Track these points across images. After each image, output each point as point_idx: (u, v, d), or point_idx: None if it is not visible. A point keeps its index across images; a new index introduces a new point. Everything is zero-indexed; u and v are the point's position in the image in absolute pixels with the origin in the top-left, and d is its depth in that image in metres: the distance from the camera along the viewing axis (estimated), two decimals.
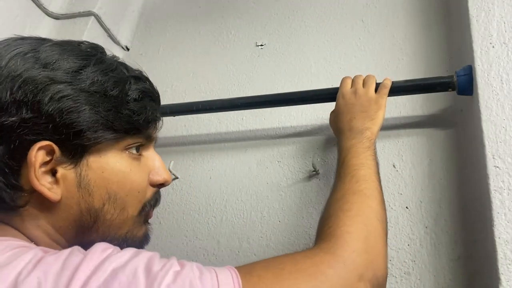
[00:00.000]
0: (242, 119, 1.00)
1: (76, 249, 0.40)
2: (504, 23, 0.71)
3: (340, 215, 0.54)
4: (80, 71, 0.46)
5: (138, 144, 0.52)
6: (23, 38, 0.48)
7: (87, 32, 1.13)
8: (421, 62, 0.90)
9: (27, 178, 0.43)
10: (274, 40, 1.08)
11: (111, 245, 0.40)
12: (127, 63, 0.57)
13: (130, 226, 0.51)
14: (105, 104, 0.46)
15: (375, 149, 0.68)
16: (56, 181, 0.45)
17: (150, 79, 0.59)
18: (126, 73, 0.52)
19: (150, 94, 0.55)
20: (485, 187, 0.62)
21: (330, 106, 0.84)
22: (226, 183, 0.93)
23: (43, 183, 0.43)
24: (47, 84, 0.43)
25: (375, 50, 0.95)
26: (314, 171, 0.85)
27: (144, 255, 0.40)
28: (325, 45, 1.01)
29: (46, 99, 0.43)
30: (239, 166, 0.94)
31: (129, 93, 0.50)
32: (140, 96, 0.51)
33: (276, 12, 1.12)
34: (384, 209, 0.59)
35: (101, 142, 0.46)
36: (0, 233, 0.44)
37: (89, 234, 0.48)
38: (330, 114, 0.81)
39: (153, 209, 0.55)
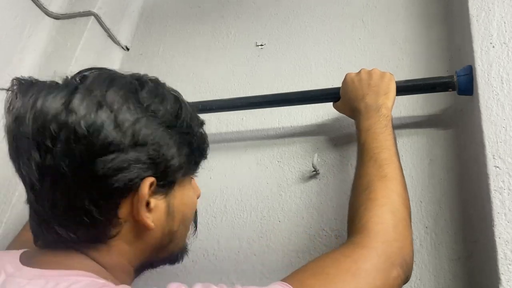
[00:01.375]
0: (242, 119, 1.00)
1: None
2: (504, 23, 0.71)
3: (369, 206, 0.57)
4: (178, 115, 0.51)
5: None
6: (113, 79, 0.49)
7: (87, 32, 1.13)
8: (421, 62, 0.90)
9: (127, 210, 0.47)
10: (274, 40, 1.08)
11: (181, 284, 0.43)
12: (126, 63, 0.59)
13: (185, 238, 0.57)
14: (195, 143, 0.53)
15: (392, 125, 0.69)
16: (149, 210, 0.48)
17: None
18: (192, 108, 0.56)
19: (204, 123, 0.59)
20: (485, 187, 0.62)
21: (330, 106, 0.84)
22: (226, 183, 0.93)
23: (146, 215, 0.48)
24: (162, 130, 0.48)
25: (375, 50, 0.95)
26: (314, 171, 0.85)
27: None
28: (325, 45, 1.01)
29: (163, 143, 0.48)
30: (239, 166, 0.94)
31: (199, 127, 0.56)
32: (203, 127, 0.57)
33: (276, 12, 1.12)
34: (406, 190, 0.62)
35: (188, 175, 0.54)
36: (77, 263, 0.46)
37: (162, 252, 0.53)
38: (334, 105, 0.82)
39: None
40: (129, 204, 0.47)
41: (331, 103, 0.84)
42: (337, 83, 0.81)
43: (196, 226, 0.61)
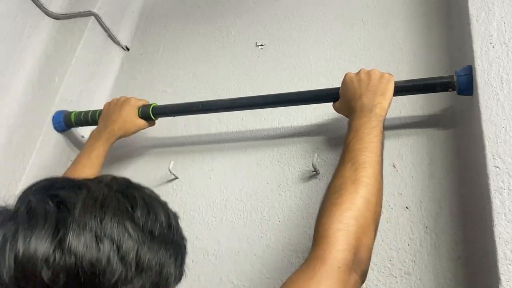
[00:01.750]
0: (242, 119, 1.00)
1: None
2: (504, 23, 0.71)
3: (333, 211, 0.58)
4: (170, 226, 0.48)
5: None
6: (104, 203, 0.43)
7: (87, 32, 1.13)
8: (421, 62, 0.90)
9: None
10: (274, 40, 1.08)
11: None
12: (126, 63, 0.57)
13: None
14: (183, 246, 0.50)
15: (383, 126, 0.69)
16: None
17: (150, 79, 0.60)
18: (170, 209, 0.52)
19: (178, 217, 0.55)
20: (485, 187, 0.62)
21: (330, 106, 0.84)
22: (226, 183, 0.93)
23: None
24: (162, 250, 0.45)
25: (375, 50, 0.95)
26: (314, 171, 0.85)
27: None
28: (325, 45, 1.01)
29: (165, 266, 0.45)
30: (239, 166, 0.94)
31: (179, 227, 0.52)
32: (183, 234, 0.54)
33: (276, 12, 1.12)
34: (379, 195, 0.62)
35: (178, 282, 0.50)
36: None
37: None
38: (334, 105, 0.82)
39: None
40: None
41: (331, 103, 0.84)
42: (337, 83, 0.81)
43: None
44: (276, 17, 1.12)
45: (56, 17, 1.16)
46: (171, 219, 0.48)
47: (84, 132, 1.10)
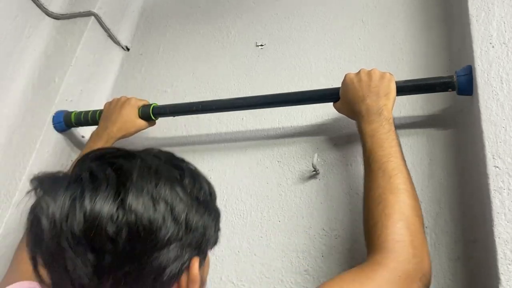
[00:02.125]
0: (242, 119, 1.00)
1: None
2: (504, 23, 0.71)
3: (385, 222, 0.59)
4: (212, 195, 0.54)
5: None
6: (158, 171, 0.49)
7: (87, 32, 1.13)
8: (421, 62, 0.90)
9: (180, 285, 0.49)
10: (274, 40, 1.08)
11: None
12: (126, 63, 0.58)
13: None
14: (219, 216, 0.55)
15: (394, 127, 0.70)
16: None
17: (150, 79, 0.61)
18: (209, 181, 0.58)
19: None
20: (485, 187, 0.62)
21: (330, 106, 0.84)
22: (226, 183, 0.93)
23: None
24: (207, 214, 0.51)
25: (375, 50, 0.95)
26: (314, 171, 0.85)
27: None
28: (325, 45, 1.01)
29: (208, 229, 0.50)
30: (239, 166, 0.94)
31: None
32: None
33: (276, 12, 1.12)
34: (416, 198, 0.63)
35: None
36: None
37: None
38: (335, 105, 0.82)
39: None
40: (178, 284, 0.49)
41: (331, 103, 0.84)
42: (337, 83, 0.81)
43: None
44: (276, 17, 1.12)
45: (56, 17, 1.16)
46: (212, 188, 0.54)
47: (84, 132, 1.10)
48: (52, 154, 1.02)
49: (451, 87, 0.74)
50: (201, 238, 0.49)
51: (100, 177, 0.45)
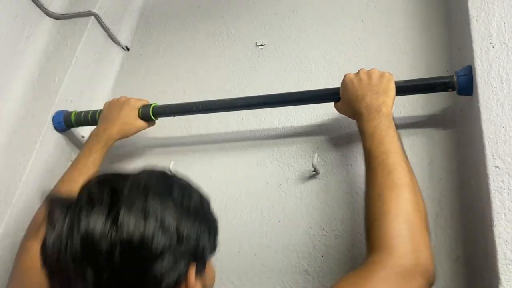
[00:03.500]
0: (242, 119, 1.00)
1: None
2: (504, 23, 0.71)
3: (383, 220, 0.59)
4: (202, 205, 0.55)
5: None
6: (146, 186, 0.50)
7: (87, 32, 1.13)
8: (421, 62, 0.90)
9: None
10: (274, 40, 1.08)
11: None
12: (126, 63, 0.59)
13: None
14: (215, 224, 0.56)
15: (395, 124, 0.69)
16: None
17: (150, 79, 0.62)
18: (201, 192, 0.58)
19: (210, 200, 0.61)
20: (485, 187, 0.62)
21: (330, 106, 0.84)
22: (226, 183, 0.93)
23: None
24: (198, 224, 0.52)
25: (375, 50, 0.95)
26: (314, 171, 0.85)
27: None
28: (325, 45, 1.01)
29: (201, 236, 0.52)
30: (239, 166, 0.94)
31: (210, 209, 0.58)
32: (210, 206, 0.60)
33: (276, 12, 1.12)
34: (418, 192, 0.63)
35: (212, 254, 0.56)
36: None
37: None
38: (336, 106, 0.82)
39: None
40: None
41: (332, 104, 0.84)
42: (337, 83, 0.81)
43: None
44: (276, 17, 1.12)
45: (56, 17, 1.16)
46: (203, 200, 0.56)
47: (84, 132, 1.10)
48: (52, 154, 1.02)
49: (451, 87, 0.74)
50: (195, 247, 0.51)
51: (95, 198, 0.48)
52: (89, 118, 1.00)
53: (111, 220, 0.45)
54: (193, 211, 0.52)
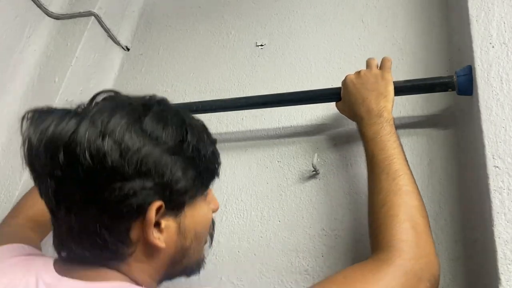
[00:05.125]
0: (242, 119, 1.00)
1: None
2: (504, 23, 0.71)
3: (389, 224, 0.58)
4: (183, 140, 0.51)
5: None
6: (117, 106, 0.50)
7: (87, 32, 1.13)
8: (421, 62, 0.90)
9: (138, 232, 0.49)
10: (274, 40, 1.08)
11: None
12: (126, 63, 0.59)
13: (201, 252, 0.59)
14: (202, 165, 0.53)
15: (395, 129, 0.69)
16: (160, 231, 0.50)
17: (150, 79, 0.62)
18: (201, 128, 0.56)
19: (216, 141, 0.59)
20: (485, 187, 0.62)
21: (330, 106, 0.84)
22: (226, 183, 0.93)
23: (155, 236, 0.49)
24: (166, 157, 0.49)
25: (375, 50, 0.95)
26: (314, 171, 0.85)
27: None
28: (325, 45, 1.01)
29: (167, 170, 0.49)
30: (239, 166, 0.94)
31: (208, 148, 0.55)
32: (214, 147, 0.57)
33: (276, 12, 1.12)
34: (421, 198, 0.63)
35: (197, 196, 0.54)
36: (111, 276, 0.50)
37: (176, 266, 0.56)
38: (337, 105, 0.81)
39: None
40: (139, 227, 0.49)
41: (332, 104, 0.84)
42: (337, 83, 0.81)
43: (212, 239, 0.63)
44: (276, 17, 1.12)
45: (56, 17, 1.16)
46: (188, 135, 0.52)
47: None
48: None
49: (451, 87, 0.74)
50: (160, 183, 0.48)
51: (76, 110, 0.49)
52: None
53: (73, 132, 0.46)
54: (164, 143, 0.49)
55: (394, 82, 0.75)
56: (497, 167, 0.62)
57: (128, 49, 1.26)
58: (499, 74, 0.68)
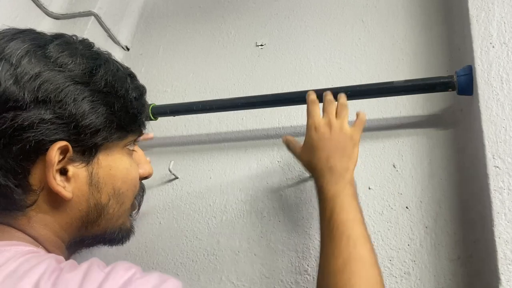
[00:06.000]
0: (242, 119, 1.00)
1: (96, 264, 0.39)
2: (504, 23, 0.71)
3: None
4: (94, 72, 0.46)
5: (134, 140, 0.54)
6: (20, 32, 0.46)
7: (87, 32, 1.13)
8: (421, 62, 0.90)
9: (39, 177, 0.44)
10: (274, 40, 1.08)
11: (132, 265, 0.40)
12: (126, 63, 0.58)
13: (124, 218, 0.53)
14: (117, 104, 0.48)
15: (356, 192, 0.65)
16: (67, 180, 0.45)
17: (150, 79, 0.61)
18: (123, 71, 0.52)
19: (144, 91, 0.54)
20: (485, 187, 0.62)
21: None
22: (226, 183, 0.93)
23: (59, 183, 0.44)
24: (69, 85, 0.44)
25: (375, 50, 0.95)
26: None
27: (169, 284, 0.39)
28: (325, 45, 1.01)
29: (70, 100, 0.44)
30: (239, 166, 0.94)
31: (130, 92, 0.50)
32: (139, 94, 0.52)
33: (276, 12, 1.12)
34: (380, 269, 0.59)
35: (112, 141, 0.48)
36: (4, 236, 0.44)
37: (92, 227, 0.50)
38: (300, 149, 0.75)
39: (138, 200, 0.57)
40: (41, 171, 0.44)
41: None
42: (337, 83, 0.81)
43: (139, 206, 0.57)
44: (276, 17, 1.12)
45: (56, 17, 1.16)
46: (101, 68, 0.47)
47: None
48: None
49: (451, 87, 0.74)
50: (62, 116, 0.43)
51: None
52: None
53: None
54: (70, 71, 0.45)
55: (394, 82, 0.75)
56: (497, 167, 0.62)
57: (128, 49, 1.26)
58: (499, 74, 0.68)
